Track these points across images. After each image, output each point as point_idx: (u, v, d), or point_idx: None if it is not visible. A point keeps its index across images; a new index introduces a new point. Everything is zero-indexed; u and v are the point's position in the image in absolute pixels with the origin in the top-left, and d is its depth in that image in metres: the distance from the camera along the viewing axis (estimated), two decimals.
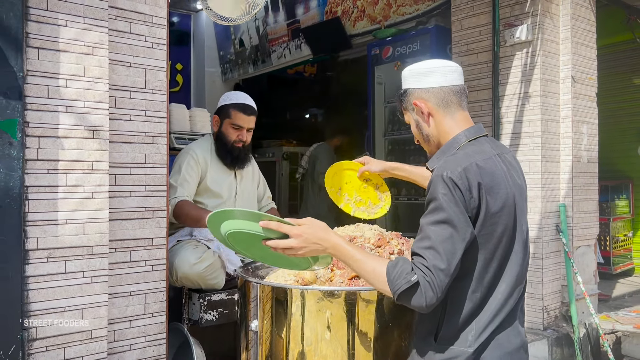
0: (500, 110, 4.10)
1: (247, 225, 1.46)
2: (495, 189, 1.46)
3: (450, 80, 1.59)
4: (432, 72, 1.60)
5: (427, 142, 1.66)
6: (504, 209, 1.46)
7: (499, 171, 1.50)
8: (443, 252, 1.37)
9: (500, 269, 1.49)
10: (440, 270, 1.36)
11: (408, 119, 1.70)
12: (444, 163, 1.50)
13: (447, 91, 1.58)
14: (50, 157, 1.87)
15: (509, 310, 1.50)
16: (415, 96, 1.62)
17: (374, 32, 5.57)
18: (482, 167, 1.47)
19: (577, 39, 4.14)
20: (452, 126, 1.59)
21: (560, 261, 4.02)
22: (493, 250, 1.47)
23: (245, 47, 7.43)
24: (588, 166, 4.23)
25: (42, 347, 1.85)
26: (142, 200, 2.18)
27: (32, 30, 1.84)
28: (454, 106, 1.59)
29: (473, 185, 1.42)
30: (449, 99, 1.59)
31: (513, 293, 1.51)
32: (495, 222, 1.45)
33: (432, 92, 1.59)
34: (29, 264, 1.82)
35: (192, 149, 2.84)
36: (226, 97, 2.98)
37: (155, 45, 2.22)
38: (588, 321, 4.05)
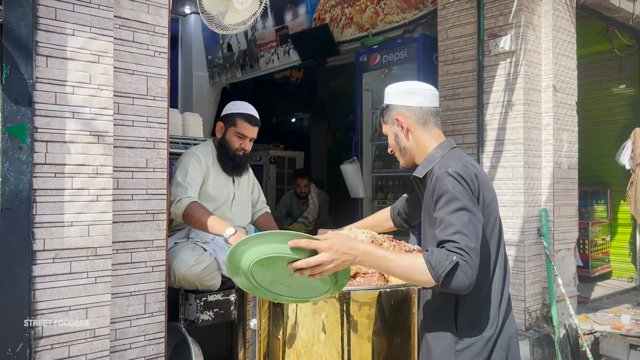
0: (485, 118, 4.24)
1: (273, 249, 1.39)
2: (486, 183, 1.66)
3: (430, 102, 1.80)
4: (415, 93, 1.79)
5: (403, 153, 1.84)
6: (493, 202, 1.66)
7: (482, 172, 1.71)
8: (469, 233, 1.50)
9: (495, 257, 1.66)
10: (472, 249, 1.49)
11: (386, 131, 1.86)
12: (443, 163, 1.67)
13: (427, 111, 1.78)
14: (57, 161, 1.94)
15: (508, 296, 1.68)
16: (397, 112, 1.80)
17: (361, 40, 5.69)
18: (474, 165, 1.67)
19: (558, 50, 4.30)
20: (430, 140, 1.79)
21: (542, 264, 4.16)
22: (489, 237, 1.64)
23: (234, 52, 7.50)
24: (568, 172, 4.39)
25: (48, 345, 1.91)
26: (143, 203, 2.25)
27: (41, 39, 1.90)
28: (431, 124, 1.80)
29: (474, 178, 1.60)
30: (427, 118, 1.79)
31: (506, 279, 1.68)
32: (489, 212, 1.64)
33: (414, 110, 1.78)
34: (36, 264, 1.88)
35: (195, 153, 2.90)
36: (233, 106, 3.06)
37: (157, 53, 2.30)
38: (568, 322, 4.20)
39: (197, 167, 2.82)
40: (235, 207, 3.00)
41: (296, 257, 1.40)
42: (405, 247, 2.27)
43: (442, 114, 4.40)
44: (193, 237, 2.80)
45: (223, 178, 2.97)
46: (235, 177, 3.02)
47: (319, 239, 1.45)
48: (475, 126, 4.26)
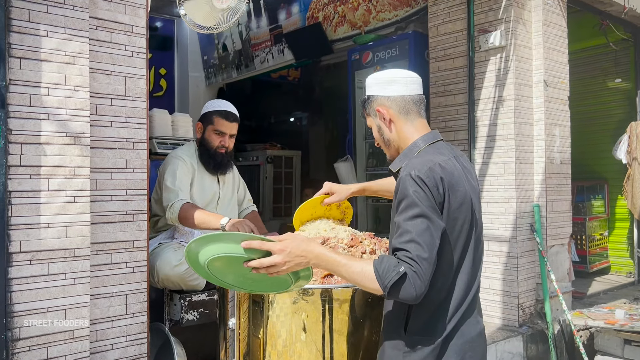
0: (476, 114, 4.22)
1: (228, 249, 1.43)
2: (455, 187, 1.58)
3: (411, 90, 1.72)
4: (395, 81, 1.71)
5: (387, 146, 1.78)
6: (462, 206, 1.58)
7: (457, 171, 1.62)
8: (424, 243, 1.46)
9: (460, 262, 1.60)
10: (424, 260, 1.44)
11: (370, 123, 1.80)
12: (410, 163, 1.61)
13: (408, 100, 1.71)
14: (32, 163, 1.94)
15: (470, 302, 1.61)
16: (378, 103, 1.73)
17: (354, 38, 5.68)
18: (443, 167, 1.58)
19: (549, 45, 4.28)
20: (412, 132, 1.71)
21: (535, 260, 4.14)
22: (453, 243, 1.58)
23: (229, 52, 7.50)
24: (561, 167, 4.37)
25: (26, 346, 1.91)
26: (123, 204, 2.25)
27: (14, 40, 1.90)
28: (414, 114, 1.72)
29: (438, 182, 1.53)
30: (409, 107, 1.71)
31: (472, 285, 1.62)
32: (455, 218, 1.56)
33: (394, 100, 1.71)
34: (13, 266, 1.88)
35: (180, 155, 2.90)
36: (209, 105, 3.05)
37: (135, 53, 2.29)
38: (562, 318, 4.18)
39: (185, 169, 2.83)
40: (221, 207, 3.00)
41: (250, 257, 1.42)
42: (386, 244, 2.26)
43: (433, 111, 4.43)
44: (177, 238, 2.80)
45: (208, 178, 2.97)
46: (219, 176, 3.02)
47: (272, 241, 1.46)
48: (466, 122, 4.24)
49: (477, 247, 1.66)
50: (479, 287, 1.68)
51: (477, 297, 1.67)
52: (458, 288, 1.59)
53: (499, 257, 4.07)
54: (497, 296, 4.09)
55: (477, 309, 1.66)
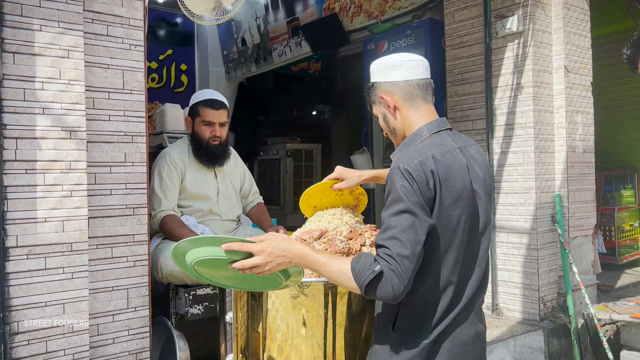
0: (494, 102, 4.10)
1: (210, 252, 1.42)
2: (451, 181, 1.48)
3: (416, 74, 1.61)
4: (398, 65, 1.62)
5: (393, 134, 1.69)
6: (459, 202, 1.48)
7: (456, 164, 1.52)
8: (406, 240, 1.39)
9: (457, 262, 1.50)
10: (404, 257, 1.37)
11: (376, 112, 1.72)
12: (401, 155, 1.52)
13: (413, 85, 1.61)
14: (28, 157, 1.94)
15: (465, 304, 1.52)
16: (382, 89, 1.64)
17: (370, 27, 5.59)
18: (438, 159, 1.49)
19: (569, 28, 4.11)
20: (417, 119, 1.61)
21: (557, 252, 4.00)
22: (448, 242, 1.48)
23: (248, 46, 7.49)
24: (584, 156, 4.21)
25: (24, 340, 1.92)
26: (123, 197, 2.24)
27: (7, 35, 1.90)
28: (419, 100, 1.62)
29: (429, 177, 1.44)
30: (414, 93, 1.61)
31: (470, 287, 1.53)
32: (449, 215, 1.47)
33: (398, 85, 1.61)
34: (10, 260, 1.89)
35: (168, 153, 2.87)
36: (194, 97, 3.03)
37: (132, 46, 2.27)
38: (586, 312, 4.03)
39: (172, 168, 2.80)
40: (222, 201, 2.96)
41: (232, 259, 1.42)
42: None
43: (450, 100, 4.31)
44: None
45: (202, 172, 2.93)
46: (216, 168, 2.97)
47: (252, 242, 1.45)
48: (484, 111, 4.11)
49: (479, 246, 1.57)
50: (481, 289, 1.58)
51: (478, 299, 1.57)
52: (453, 289, 1.50)
53: (519, 249, 3.95)
54: (517, 289, 3.97)
55: (475, 312, 1.56)
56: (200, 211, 2.84)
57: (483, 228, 1.57)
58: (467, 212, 1.50)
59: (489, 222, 1.61)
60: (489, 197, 1.60)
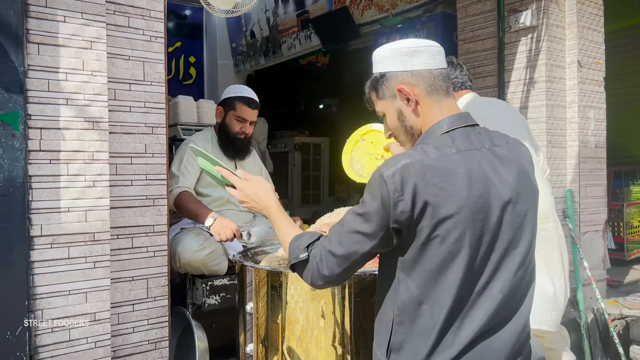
0: (506, 97, 4.09)
1: (211, 168, 1.77)
2: (448, 189, 1.24)
3: (439, 63, 1.40)
4: (419, 52, 1.38)
5: (410, 135, 1.44)
6: (459, 215, 1.24)
7: (461, 170, 1.27)
8: (347, 241, 1.31)
9: (458, 287, 1.25)
10: (333, 256, 1.33)
11: (384, 108, 1.47)
12: (390, 159, 1.32)
13: (437, 75, 1.39)
14: (52, 147, 1.96)
15: (474, 339, 1.26)
16: (399, 80, 1.39)
17: (381, 21, 5.57)
18: (430, 165, 1.26)
19: (583, 23, 4.10)
20: (437, 115, 1.39)
21: (567, 247, 4.01)
22: (443, 259, 1.25)
23: (257, 39, 7.48)
24: (596, 151, 4.21)
25: (48, 328, 1.94)
26: (143, 188, 2.26)
27: (32, 26, 1.92)
28: (442, 93, 1.40)
29: (406, 185, 1.23)
30: (438, 85, 1.39)
31: (477, 314, 1.26)
32: (449, 228, 1.23)
33: (421, 75, 1.38)
34: (34, 249, 1.91)
35: (193, 141, 2.92)
36: (232, 90, 3.05)
37: (153, 38, 2.29)
38: (596, 307, 4.04)
39: (192, 155, 2.84)
40: None
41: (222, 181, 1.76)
42: None
43: None
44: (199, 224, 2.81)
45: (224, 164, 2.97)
46: (237, 161, 3.02)
47: (239, 177, 1.68)
48: None
49: (503, 272, 1.28)
50: (497, 325, 1.28)
51: (510, 345, 1.28)
52: (451, 315, 1.26)
53: None
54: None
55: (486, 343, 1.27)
56: (219, 199, 2.89)
57: (508, 246, 1.29)
58: (479, 227, 1.25)
59: (520, 237, 1.32)
60: (527, 205, 1.34)
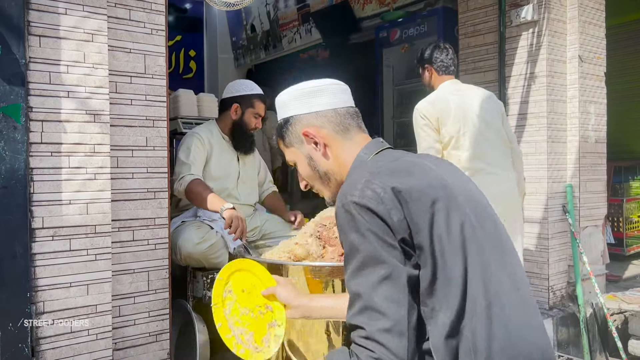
0: (507, 92, 4.09)
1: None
2: (417, 189, 1.09)
3: (345, 101, 1.35)
4: (321, 91, 1.33)
5: (326, 181, 1.33)
6: (437, 203, 1.08)
7: (417, 167, 1.16)
8: (381, 305, 1.01)
9: (461, 305, 1.05)
10: (387, 332, 1.00)
11: (294, 156, 1.37)
12: (340, 192, 1.15)
13: (344, 113, 1.32)
14: (53, 140, 1.96)
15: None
16: (304, 124, 1.31)
17: (382, 15, 5.57)
18: (392, 169, 1.15)
19: (584, 18, 4.10)
20: (354, 151, 1.29)
21: (567, 241, 4.02)
22: (448, 278, 1.06)
23: (257, 33, 7.47)
24: (596, 146, 4.21)
25: (50, 319, 1.95)
26: (144, 181, 2.26)
27: (33, 18, 1.92)
28: (354, 130, 1.32)
29: (387, 192, 1.06)
30: (347, 123, 1.32)
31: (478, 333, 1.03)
32: (426, 234, 1.07)
33: (326, 116, 1.31)
34: (36, 242, 1.92)
35: (198, 132, 2.93)
36: (246, 87, 3.08)
37: (154, 31, 2.28)
38: (595, 301, 4.06)
39: (200, 146, 2.85)
40: (241, 186, 3.02)
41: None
42: None
43: None
44: (200, 216, 2.82)
45: (227, 157, 2.99)
46: (241, 155, 3.04)
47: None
48: None
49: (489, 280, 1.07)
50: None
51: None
52: (451, 342, 1.04)
53: (529, 238, 3.97)
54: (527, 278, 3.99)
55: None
56: (221, 193, 2.89)
57: (493, 243, 1.13)
58: (452, 228, 1.07)
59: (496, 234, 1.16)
60: (478, 202, 1.19)
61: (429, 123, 2.86)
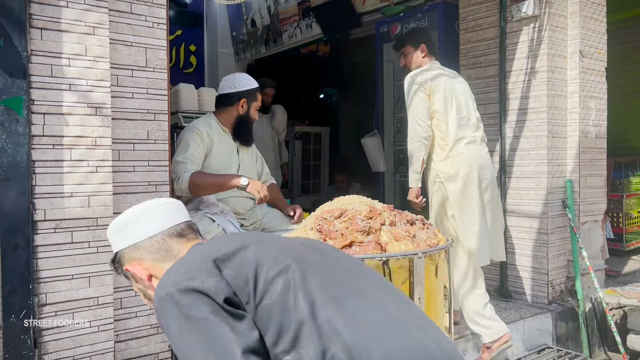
0: (507, 87, 4.10)
1: None
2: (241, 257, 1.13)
3: (161, 225, 1.29)
4: (132, 222, 1.29)
5: None
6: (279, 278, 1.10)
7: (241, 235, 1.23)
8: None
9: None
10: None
11: (137, 289, 1.36)
12: (157, 287, 1.13)
13: (163, 238, 1.28)
14: (55, 133, 1.97)
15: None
16: (126, 259, 1.29)
17: (382, 10, 5.56)
18: (213, 243, 1.24)
19: (585, 13, 4.10)
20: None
21: (566, 236, 4.03)
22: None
23: (257, 27, 7.46)
24: (596, 142, 4.22)
25: (52, 311, 1.96)
26: (145, 174, 2.27)
27: (35, 11, 1.92)
28: (178, 247, 1.28)
29: (219, 262, 1.10)
30: (168, 246, 1.27)
31: None
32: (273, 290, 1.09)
33: (143, 246, 1.27)
34: (38, 234, 1.93)
35: (196, 127, 2.93)
36: (250, 81, 3.10)
37: (155, 24, 2.29)
38: (594, 296, 4.08)
39: (199, 141, 2.86)
40: None
41: None
42: (407, 217, 2.23)
43: None
44: (202, 209, 2.82)
45: (227, 150, 3.00)
46: (240, 147, 3.05)
47: None
48: (497, 95, 4.12)
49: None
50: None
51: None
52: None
53: (529, 233, 3.98)
54: (526, 273, 4.01)
55: None
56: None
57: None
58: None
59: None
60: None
61: (422, 88, 3.12)
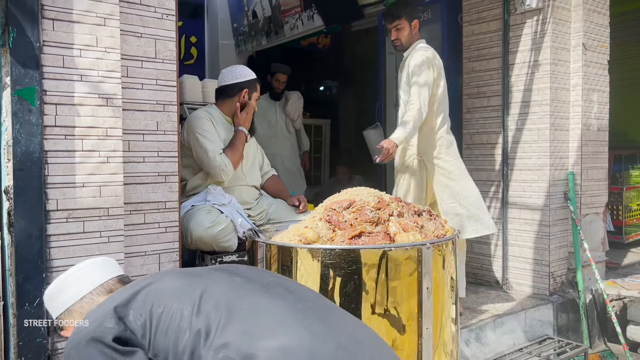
0: (510, 79, 4.11)
1: None
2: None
3: (91, 284, 1.39)
4: (63, 286, 1.40)
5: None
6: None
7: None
8: None
9: None
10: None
11: None
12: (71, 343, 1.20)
13: (92, 298, 1.37)
14: (67, 123, 1.98)
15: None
16: (63, 323, 1.37)
17: (384, 2, 5.55)
18: (122, 290, 1.30)
19: (589, 6, 4.11)
20: None
21: (568, 228, 4.06)
22: None
23: (258, 19, 7.43)
24: (598, 134, 4.24)
25: None
26: (155, 165, 2.29)
27: (46, 2, 1.93)
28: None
29: (120, 308, 1.20)
30: (97, 302, 1.35)
31: None
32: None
33: (75, 310, 1.36)
34: (50, 223, 1.95)
35: (208, 112, 3.01)
36: (249, 72, 3.14)
37: (164, 16, 2.30)
38: (594, 287, 4.12)
39: (213, 125, 2.93)
40: (246, 167, 3.07)
41: None
42: (414, 208, 2.26)
43: (466, 77, 4.33)
44: (210, 200, 2.85)
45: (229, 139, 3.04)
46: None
47: None
48: (500, 88, 4.14)
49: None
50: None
51: None
52: None
53: (531, 225, 4.02)
54: (528, 264, 4.04)
55: None
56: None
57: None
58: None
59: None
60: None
61: (433, 73, 3.22)
